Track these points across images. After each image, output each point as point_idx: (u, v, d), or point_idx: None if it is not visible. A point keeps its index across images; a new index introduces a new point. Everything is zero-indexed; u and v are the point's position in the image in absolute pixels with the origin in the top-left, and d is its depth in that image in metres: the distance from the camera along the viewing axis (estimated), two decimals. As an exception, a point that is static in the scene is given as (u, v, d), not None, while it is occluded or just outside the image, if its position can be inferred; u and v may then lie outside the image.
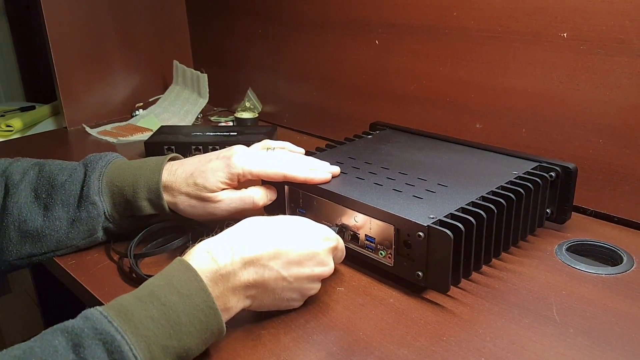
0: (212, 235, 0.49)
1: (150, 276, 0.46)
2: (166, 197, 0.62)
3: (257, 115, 1.15)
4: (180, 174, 0.62)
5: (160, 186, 0.61)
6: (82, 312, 0.41)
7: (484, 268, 0.59)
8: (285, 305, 0.51)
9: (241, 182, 0.62)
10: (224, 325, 0.45)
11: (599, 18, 0.65)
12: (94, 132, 1.14)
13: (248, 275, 0.46)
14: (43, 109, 1.34)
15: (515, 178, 0.61)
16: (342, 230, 0.59)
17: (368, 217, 0.56)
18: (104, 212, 0.62)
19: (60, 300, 0.53)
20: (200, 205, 0.61)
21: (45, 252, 0.62)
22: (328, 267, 0.52)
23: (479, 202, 0.56)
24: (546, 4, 0.69)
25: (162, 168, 0.62)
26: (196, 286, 0.43)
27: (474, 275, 0.57)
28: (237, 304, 0.47)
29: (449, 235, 0.49)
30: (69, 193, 0.61)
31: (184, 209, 0.62)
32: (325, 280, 0.57)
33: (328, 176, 0.62)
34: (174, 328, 0.42)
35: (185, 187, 0.61)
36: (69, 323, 0.40)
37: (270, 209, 0.68)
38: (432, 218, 0.52)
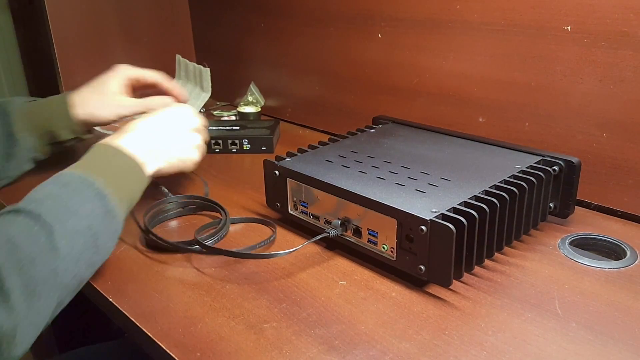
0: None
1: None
2: (77, 111, 0.77)
3: (259, 109, 1.14)
4: (84, 91, 0.79)
5: (69, 111, 0.77)
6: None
7: (487, 262, 0.58)
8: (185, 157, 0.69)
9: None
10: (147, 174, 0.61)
11: (603, 11, 0.64)
12: (97, 126, 1.14)
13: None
14: (46, 104, 1.34)
15: (518, 172, 0.61)
16: (344, 224, 0.59)
17: (370, 211, 0.56)
18: (32, 144, 0.76)
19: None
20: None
21: None
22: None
23: (482, 196, 0.56)
24: (550, -3, 0.69)
25: (67, 100, 0.78)
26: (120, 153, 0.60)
27: (477, 269, 0.57)
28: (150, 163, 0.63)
29: (451, 229, 0.49)
30: None
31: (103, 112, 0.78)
32: (327, 274, 0.57)
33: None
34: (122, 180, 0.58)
35: (90, 93, 0.79)
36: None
37: (272, 202, 0.68)
38: (435, 212, 0.51)
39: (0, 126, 0.74)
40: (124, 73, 0.79)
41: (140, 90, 0.83)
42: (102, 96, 0.78)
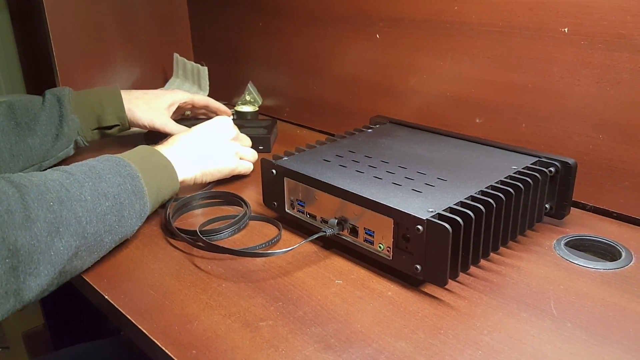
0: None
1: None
2: (124, 103, 0.87)
3: (257, 108, 1.15)
4: (136, 92, 0.91)
5: (122, 100, 0.87)
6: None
7: (483, 262, 0.59)
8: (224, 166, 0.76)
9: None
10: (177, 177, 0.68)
11: (601, 13, 0.65)
12: (94, 124, 1.14)
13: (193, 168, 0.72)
14: (43, 101, 1.34)
15: (514, 173, 0.61)
16: (341, 223, 0.59)
17: (367, 210, 0.56)
18: (78, 126, 0.84)
19: (60, 291, 0.54)
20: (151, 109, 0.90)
21: (34, 163, 0.80)
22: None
23: (478, 196, 0.56)
24: (548, -1, 0.69)
25: (120, 90, 0.88)
26: (158, 153, 0.67)
27: (472, 269, 0.57)
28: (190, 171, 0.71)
29: (447, 229, 0.49)
30: (51, 114, 0.81)
31: (140, 114, 0.89)
32: (324, 273, 0.57)
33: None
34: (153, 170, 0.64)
35: (143, 95, 0.91)
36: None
37: (269, 201, 0.68)
38: (431, 212, 0.52)
39: (56, 109, 0.82)
40: (178, 97, 0.95)
41: (193, 110, 1.04)
42: (149, 103, 0.90)
